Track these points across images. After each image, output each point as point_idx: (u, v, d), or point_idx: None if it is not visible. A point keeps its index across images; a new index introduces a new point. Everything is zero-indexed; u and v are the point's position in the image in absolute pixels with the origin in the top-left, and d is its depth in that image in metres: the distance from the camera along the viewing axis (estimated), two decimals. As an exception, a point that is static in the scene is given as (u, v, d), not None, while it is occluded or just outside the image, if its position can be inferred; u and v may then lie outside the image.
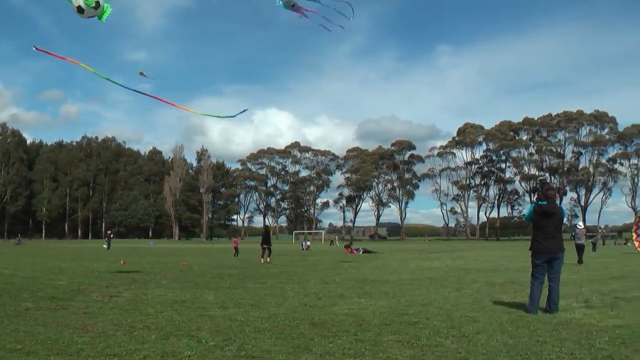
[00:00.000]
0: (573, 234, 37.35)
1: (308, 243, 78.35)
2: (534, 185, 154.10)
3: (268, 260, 36.84)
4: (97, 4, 11.44)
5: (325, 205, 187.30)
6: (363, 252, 56.35)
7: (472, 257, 44.54)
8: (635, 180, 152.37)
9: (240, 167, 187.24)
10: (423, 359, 8.31)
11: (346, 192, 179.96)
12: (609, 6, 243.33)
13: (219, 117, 16.26)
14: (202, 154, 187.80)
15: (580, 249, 35.26)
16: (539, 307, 12.96)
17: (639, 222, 53.17)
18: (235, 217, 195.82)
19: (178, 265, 32.99)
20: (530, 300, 13.06)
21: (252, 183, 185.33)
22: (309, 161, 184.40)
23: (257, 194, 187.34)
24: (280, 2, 12.84)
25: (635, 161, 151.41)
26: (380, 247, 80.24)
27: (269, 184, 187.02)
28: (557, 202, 14.13)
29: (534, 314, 12.56)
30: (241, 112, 15.10)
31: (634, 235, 51.92)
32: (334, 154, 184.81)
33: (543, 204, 13.31)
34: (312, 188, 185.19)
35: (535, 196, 14.05)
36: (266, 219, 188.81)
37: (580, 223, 43.31)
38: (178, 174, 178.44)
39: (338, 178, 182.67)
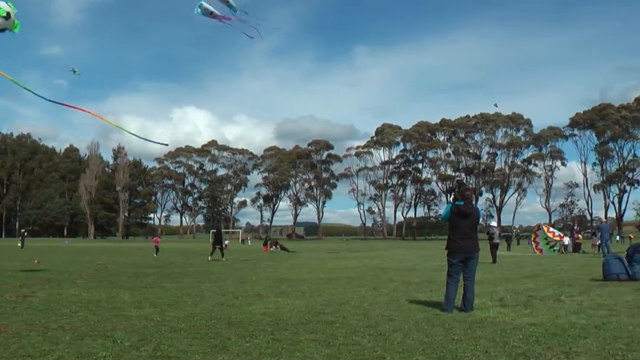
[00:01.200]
0: (492, 234, 37.86)
1: (226, 242, 77.95)
2: (451, 185, 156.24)
3: (223, 259, 37.80)
4: (8, 15, 11.31)
5: (243, 204, 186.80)
6: (281, 249, 56.47)
7: (388, 256, 44.88)
8: (550, 181, 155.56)
9: (157, 166, 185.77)
10: (340, 357, 8.35)
11: (264, 191, 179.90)
12: (526, 10, 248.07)
13: (134, 134, 16.20)
14: (118, 152, 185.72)
15: (494, 248, 35.80)
16: (454, 305, 13.11)
17: (537, 230, 54.29)
18: (152, 215, 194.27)
19: (93, 264, 32.53)
20: (446, 299, 13.17)
21: (170, 182, 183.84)
22: (227, 160, 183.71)
23: (174, 192, 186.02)
24: (199, 10, 12.84)
25: (550, 162, 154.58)
26: (298, 246, 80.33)
27: (186, 183, 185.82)
28: (473, 202, 14.32)
29: (449, 313, 12.71)
30: (159, 143, 15.08)
31: (533, 244, 52.99)
32: (251, 153, 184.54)
33: (460, 204, 13.47)
34: (229, 187, 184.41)
35: (452, 196, 14.23)
36: (183, 218, 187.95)
37: (494, 223, 44.03)
38: (94, 171, 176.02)
39: (256, 177, 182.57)
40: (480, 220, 15.60)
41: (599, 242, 44.90)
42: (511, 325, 10.91)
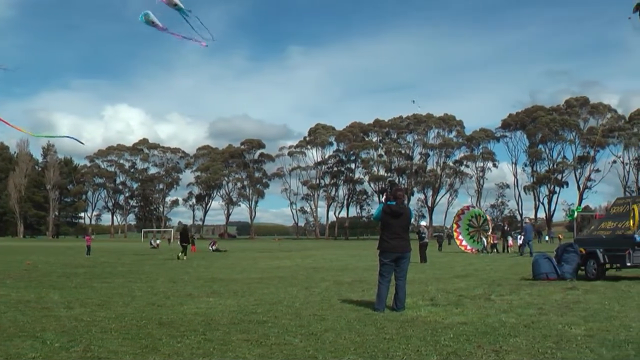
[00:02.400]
0: (422, 234, 38.10)
1: (158, 241, 77.55)
2: (383, 186, 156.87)
3: (184, 257, 38.82)
4: None
5: (175, 203, 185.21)
6: (214, 251, 56.27)
7: (321, 256, 44.96)
8: (481, 182, 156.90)
9: (88, 164, 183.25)
10: (272, 357, 8.33)
11: (196, 190, 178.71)
12: (459, 13, 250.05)
13: (46, 136, 15.96)
14: (48, 150, 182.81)
15: (423, 247, 36.06)
16: (386, 305, 13.18)
17: (461, 213, 54.80)
18: (82, 214, 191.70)
19: (23, 264, 32.09)
20: (377, 298, 13.24)
21: (101, 180, 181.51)
22: (159, 159, 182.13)
23: (105, 191, 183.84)
24: (143, 18, 12.74)
25: (481, 164, 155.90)
26: (230, 245, 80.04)
27: (117, 182, 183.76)
28: (405, 202, 14.43)
29: (381, 312, 12.78)
30: (73, 138, 14.96)
31: (455, 234, 53.49)
32: (184, 152, 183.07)
33: (392, 204, 13.51)
34: (161, 186, 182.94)
35: (384, 197, 14.30)
36: (114, 217, 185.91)
37: (424, 222, 44.32)
38: (23, 170, 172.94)
39: (188, 176, 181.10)
40: (412, 220, 15.64)
41: (521, 242, 45.48)
42: (442, 324, 10.99)
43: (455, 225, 54.49)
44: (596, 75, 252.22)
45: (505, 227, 61.25)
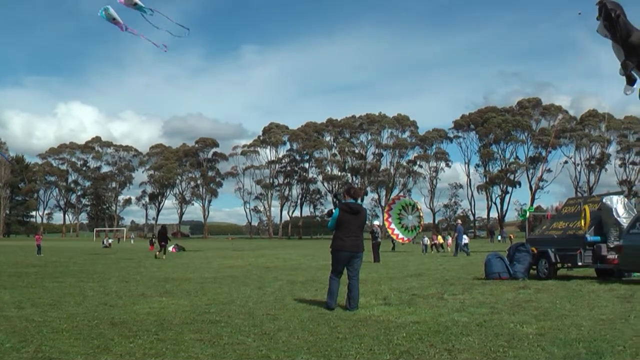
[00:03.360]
0: (375, 233, 38.26)
1: (110, 240, 77.11)
2: (338, 188, 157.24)
3: (163, 257, 39.43)
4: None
5: (128, 202, 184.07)
6: (178, 251, 55.95)
7: (274, 255, 44.93)
8: (434, 182, 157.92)
9: (40, 162, 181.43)
10: (224, 357, 8.30)
11: (149, 189, 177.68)
12: (413, 14, 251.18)
13: None
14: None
15: (376, 247, 36.18)
16: (337, 304, 13.27)
17: (392, 203, 55.33)
18: (34, 213, 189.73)
19: (-29, 263, 31.69)
20: (329, 295, 13.34)
21: (53, 179, 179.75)
22: (111, 157, 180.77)
23: (57, 190, 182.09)
24: (103, 14, 12.62)
25: (434, 164, 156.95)
26: (184, 245, 79.66)
27: (70, 180, 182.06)
28: (360, 202, 14.52)
29: (332, 309, 12.90)
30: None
31: (387, 224, 53.93)
32: (137, 150, 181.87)
33: (350, 202, 13.62)
34: (114, 185, 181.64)
35: (341, 197, 14.50)
36: (66, 216, 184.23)
37: (377, 222, 44.49)
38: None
39: (141, 175, 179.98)
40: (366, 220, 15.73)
41: (457, 242, 45.80)
42: (395, 324, 11.02)
43: (386, 215, 55.07)
44: (549, 77, 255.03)
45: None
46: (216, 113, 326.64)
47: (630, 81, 12.34)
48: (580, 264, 21.14)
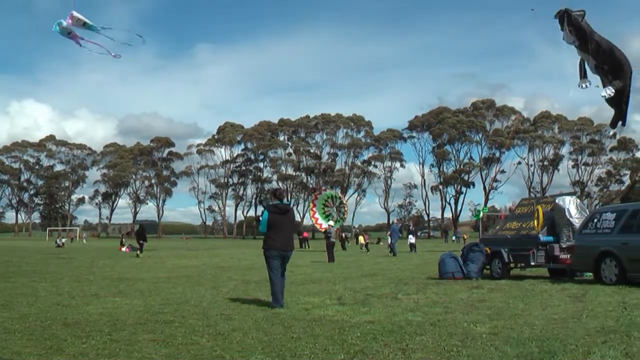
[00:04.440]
0: (329, 233, 38.35)
1: (63, 240, 76.46)
2: (293, 187, 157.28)
3: (140, 255, 40.83)
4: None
5: (81, 201, 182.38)
6: (132, 250, 55.61)
7: (228, 255, 44.81)
8: (389, 182, 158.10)
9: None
10: (178, 357, 8.27)
11: (103, 188, 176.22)
12: (368, 15, 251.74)
13: None
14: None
15: (330, 247, 36.26)
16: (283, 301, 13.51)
17: (319, 194, 56.08)
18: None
19: None
20: (273, 295, 13.68)
21: (4, 177, 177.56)
22: (65, 156, 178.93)
23: (9, 188, 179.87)
24: (57, 28, 12.48)
25: (389, 164, 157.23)
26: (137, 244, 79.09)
27: (22, 179, 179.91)
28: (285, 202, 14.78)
29: (279, 307, 13.15)
30: None
31: (311, 213, 54.69)
32: (90, 149, 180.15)
33: (278, 203, 14.07)
34: (67, 183, 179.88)
35: (266, 202, 14.76)
36: (18, 215, 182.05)
37: (332, 222, 44.55)
38: None
39: (95, 174, 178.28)
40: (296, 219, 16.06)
41: (390, 241, 45.83)
42: (349, 323, 11.04)
43: (311, 204, 55.98)
44: (503, 79, 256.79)
45: (411, 227, 62.24)
46: (171, 112, 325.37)
47: (584, 75, 12.48)
48: (533, 263, 21.36)
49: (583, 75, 12.48)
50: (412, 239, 54.35)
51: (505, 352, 8.42)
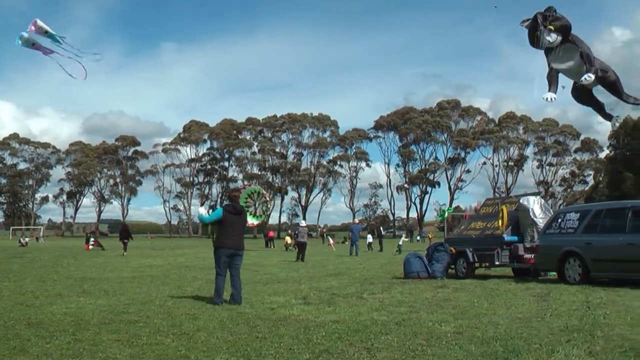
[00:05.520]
0: (296, 232, 38.42)
1: (27, 239, 75.92)
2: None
3: (125, 253, 41.56)
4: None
5: (45, 200, 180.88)
6: (98, 247, 55.50)
7: (193, 254, 44.61)
8: (354, 182, 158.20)
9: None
10: (143, 357, 8.25)
11: (67, 187, 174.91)
12: (334, 14, 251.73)
13: None
14: None
15: (302, 246, 36.30)
16: (224, 299, 13.79)
17: (243, 188, 56.66)
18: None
19: None
20: (216, 293, 14.05)
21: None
22: (29, 154, 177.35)
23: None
24: (20, 42, 12.36)
25: (355, 163, 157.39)
26: (102, 243, 78.75)
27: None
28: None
29: (220, 305, 13.47)
30: None
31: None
32: (54, 147, 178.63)
33: (232, 204, 14.66)
34: (31, 182, 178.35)
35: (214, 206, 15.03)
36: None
37: (303, 222, 44.58)
38: None
39: (59, 172, 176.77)
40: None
41: (352, 240, 45.80)
42: (314, 323, 11.06)
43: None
44: (468, 79, 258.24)
45: (380, 228, 62.45)
46: (137, 111, 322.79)
47: (553, 87, 12.50)
48: (497, 263, 21.51)
49: (553, 87, 12.51)
50: (370, 238, 54.54)
51: (469, 351, 8.47)
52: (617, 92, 12.47)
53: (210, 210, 16.26)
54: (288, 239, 59.61)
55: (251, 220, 52.62)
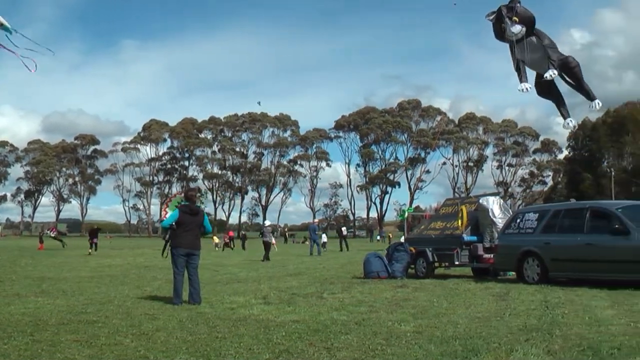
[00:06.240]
0: (261, 232, 38.46)
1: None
2: (218, 187, 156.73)
3: (95, 252, 43.29)
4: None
5: (3, 199, 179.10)
6: (54, 238, 55.33)
7: (153, 254, 44.34)
8: (314, 181, 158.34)
9: None
10: (102, 358, 8.19)
11: (25, 186, 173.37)
12: (297, 14, 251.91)
13: None
14: None
15: (267, 246, 36.41)
16: (183, 299, 13.86)
17: (173, 197, 57.22)
18: None
19: None
20: (174, 292, 14.09)
21: None
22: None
23: None
24: None
25: (315, 163, 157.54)
26: (66, 242, 78.11)
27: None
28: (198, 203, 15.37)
29: (179, 305, 13.51)
30: None
31: (163, 214, 55.97)
32: (13, 146, 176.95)
33: (188, 204, 14.82)
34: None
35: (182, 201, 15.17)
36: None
37: (268, 222, 44.60)
38: None
39: (17, 171, 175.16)
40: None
41: (313, 240, 45.78)
42: (275, 323, 11.05)
43: (164, 206, 57.31)
44: (429, 80, 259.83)
45: (342, 228, 62.59)
46: (97, 109, 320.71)
47: (524, 77, 12.63)
48: (457, 263, 21.64)
49: (524, 77, 12.63)
50: (324, 238, 54.70)
51: (429, 350, 8.50)
52: (578, 79, 12.65)
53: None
54: (216, 239, 60.94)
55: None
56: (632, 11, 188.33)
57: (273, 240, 55.40)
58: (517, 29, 12.13)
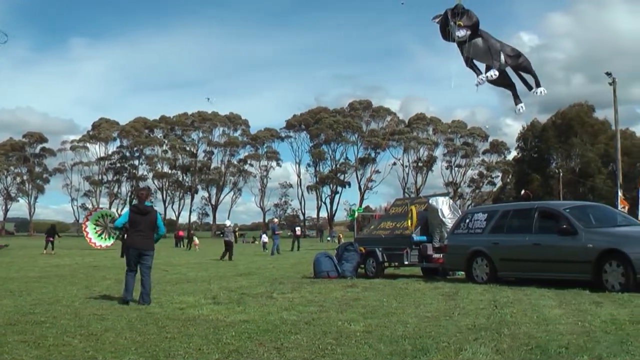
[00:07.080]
0: (222, 231, 38.51)
1: None
2: (168, 185, 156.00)
3: (52, 252, 42.87)
4: None
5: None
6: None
7: (102, 254, 44.05)
8: (265, 181, 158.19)
9: None
10: (50, 359, 8.14)
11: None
12: (248, 13, 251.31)
13: None
14: None
15: (229, 245, 36.41)
16: (133, 297, 13.94)
17: (93, 211, 57.84)
18: None
19: None
20: (125, 289, 14.23)
21: None
22: None
23: None
24: None
25: (265, 163, 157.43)
26: (8, 243, 77.27)
27: None
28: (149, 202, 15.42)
29: (128, 299, 13.85)
30: None
31: (85, 233, 56.21)
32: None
33: (137, 204, 14.88)
34: None
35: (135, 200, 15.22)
36: None
37: (229, 221, 44.56)
38: None
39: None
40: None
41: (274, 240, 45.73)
42: (224, 323, 11.03)
43: (84, 220, 57.86)
44: (380, 81, 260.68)
45: (297, 228, 62.72)
46: (46, 107, 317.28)
47: (478, 71, 12.82)
48: (406, 263, 21.72)
49: (477, 71, 12.81)
50: (264, 237, 54.70)
51: (379, 350, 8.54)
52: (531, 72, 12.88)
53: None
54: (196, 240, 60.00)
55: (99, 243, 54.06)
56: (581, 15, 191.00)
57: (196, 241, 56.27)
58: (462, 33, 12.30)
